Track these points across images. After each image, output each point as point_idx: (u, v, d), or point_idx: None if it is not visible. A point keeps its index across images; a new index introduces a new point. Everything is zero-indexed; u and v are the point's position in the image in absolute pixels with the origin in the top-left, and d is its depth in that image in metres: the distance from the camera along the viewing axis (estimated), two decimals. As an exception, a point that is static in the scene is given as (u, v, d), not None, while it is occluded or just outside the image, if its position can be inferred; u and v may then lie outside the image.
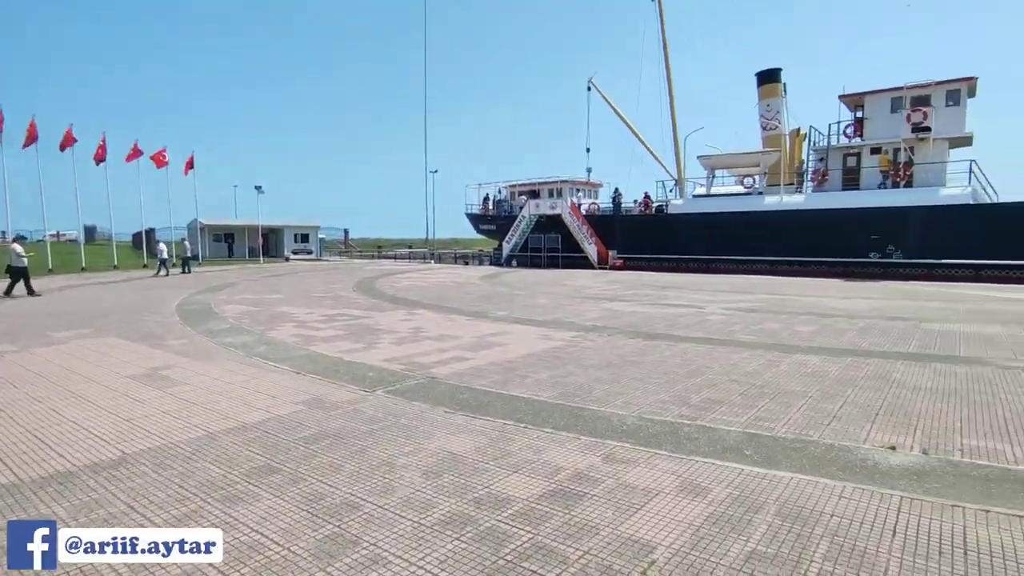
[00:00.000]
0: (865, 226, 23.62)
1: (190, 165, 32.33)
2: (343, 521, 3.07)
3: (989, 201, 22.92)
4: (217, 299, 14.67)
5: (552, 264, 32.50)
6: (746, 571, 2.58)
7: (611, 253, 30.96)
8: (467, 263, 38.90)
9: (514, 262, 34.27)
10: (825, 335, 9.16)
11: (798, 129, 28.22)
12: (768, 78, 29.06)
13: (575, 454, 4.06)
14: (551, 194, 35.31)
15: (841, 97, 25.63)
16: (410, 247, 57.50)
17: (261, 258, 36.43)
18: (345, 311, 12.28)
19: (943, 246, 22.21)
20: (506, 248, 34.52)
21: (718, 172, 30.61)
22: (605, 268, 30.27)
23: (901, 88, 23.74)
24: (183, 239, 28.10)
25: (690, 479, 3.61)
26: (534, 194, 35.60)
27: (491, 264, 36.42)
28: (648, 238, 30.45)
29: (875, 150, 24.76)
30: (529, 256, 33.65)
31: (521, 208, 34.28)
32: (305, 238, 44.18)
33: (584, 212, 33.04)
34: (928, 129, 22.81)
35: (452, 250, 53.36)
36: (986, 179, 23.26)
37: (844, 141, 25.72)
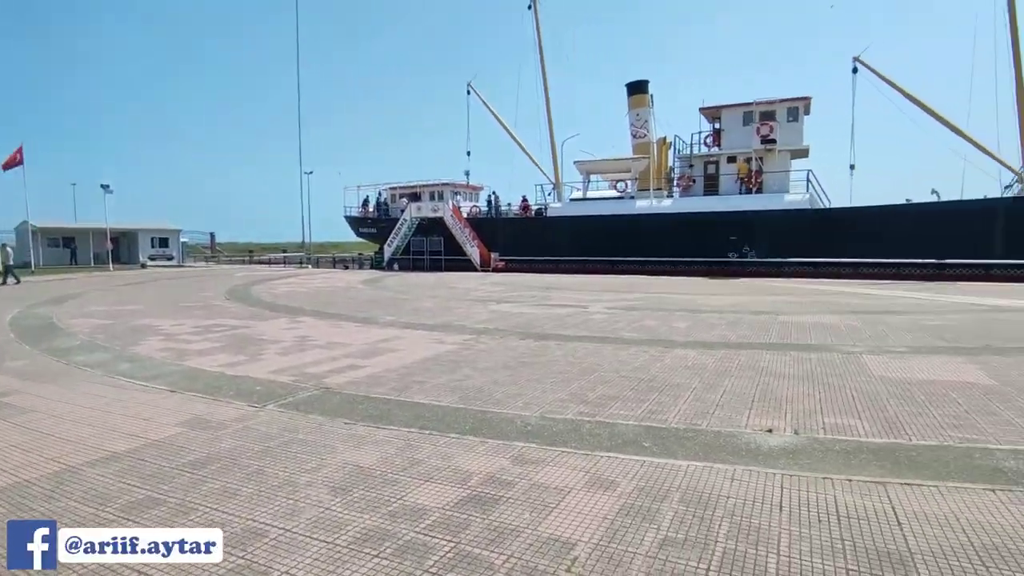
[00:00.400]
0: (725, 228, 25.92)
1: (14, 161, 28.25)
2: (248, 551, 2.84)
3: (823, 206, 26.07)
4: (61, 312, 12.95)
5: (435, 267, 32.31)
6: (661, 557, 2.72)
7: (493, 255, 31.37)
8: (347, 267, 37.60)
9: (396, 265, 33.66)
10: (699, 330, 9.92)
11: (664, 137, 30.36)
12: (637, 89, 31.00)
13: (484, 458, 4.06)
14: (432, 197, 35.10)
15: (701, 110, 27.99)
16: (285, 251, 54.51)
17: (111, 265, 32.69)
18: (220, 321, 11.37)
19: (788, 246, 24.93)
20: (388, 251, 33.81)
21: (593, 177, 32.14)
22: (488, 270, 30.62)
23: (751, 104, 26.39)
24: (3, 244, 24.40)
25: (598, 474, 3.75)
26: (415, 196, 35.20)
27: (372, 268, 35.48)
28: (529, 240, 31.25)
29: (731, 159, 27.29)
30: (411, 259, 33.21)
31: (402, 211, 33.73)
32: (164, 242, 40.30)
33: (466, 215, 33.20)
34: (774, 141, 25.57)
35: (330, 254, 51.33)
36: (820, 187, 26.46)
37: (705, 150, 28.07)
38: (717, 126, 27.98)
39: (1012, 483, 3.56)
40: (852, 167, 26.32)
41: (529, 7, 34.01)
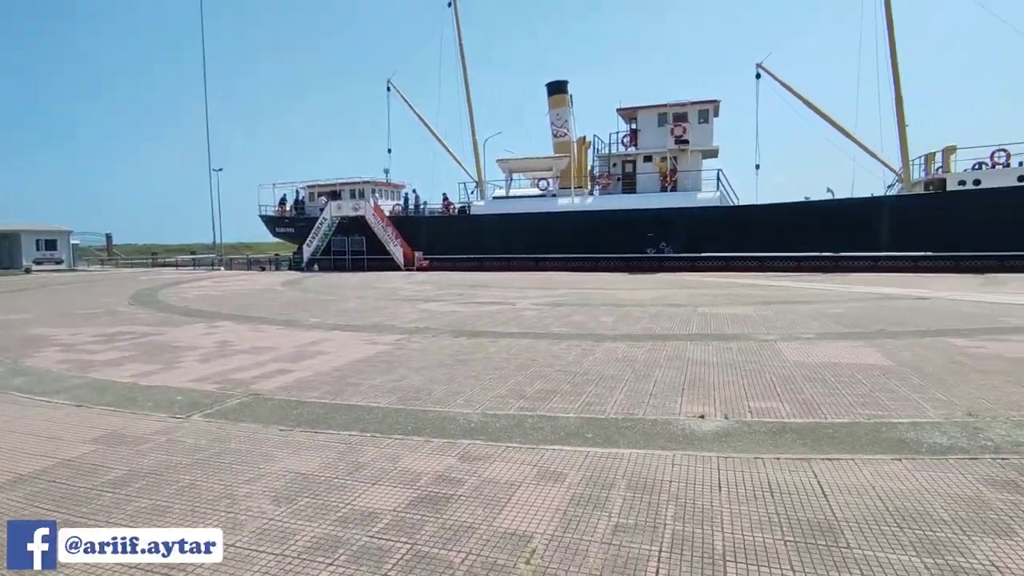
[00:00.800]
0: (642, 225, 26.88)
1: None
2: (190, 573, 2.67)
3: (732, 204, 27.59)
4: (-66, 323, 11.60)
5: (357, 267, 31.52)
6: (615, 543, 2.81)
7: (417, 254, 31.01)
8: (263, 269, 35.94)
9: (316, 266, 32.56)
10: (625, 324, 10.26)
11: (584, 137, 31.08)
12: (557, 89, 31.55)
13: (431, 457, 4.02)
14: (353, 195, 34.19)
15: (619, 110, 28.86)
16: (193, 253, 51.40)
17: (-12, 270, 29.59)
18: (127, 328, 10.57)
19: (701, 242, 26.21)
20: (307, 252, 32.63)
21: (515, 175, 32.41)
22: (412, 269, 30.24)
23: (665, 105, 27.52)
24: None
25: (545, 467, 3.81)
26: (335, 195, 34.13)
27: (291, 269, 34.12)
28: (453, 239, 31.10)
29: (647, 158, 28.33)
30: (332, 259, 32.21)
31: (322, 210, 32.64)
32: (52, 245, 36.88)
33: (388, 214, 32.60)
34: (687, 142, 26.80)
35: (243, 255, 48.85)
36: (730, 185, 27.99)
37: (622, 149, 28.99)
38: (634, 126, 28.97)
39: (914, 452, 3.94)
40: (757, 167, 28.09)
41: (449, 4, 33.77)
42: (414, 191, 34.18)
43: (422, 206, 34.13)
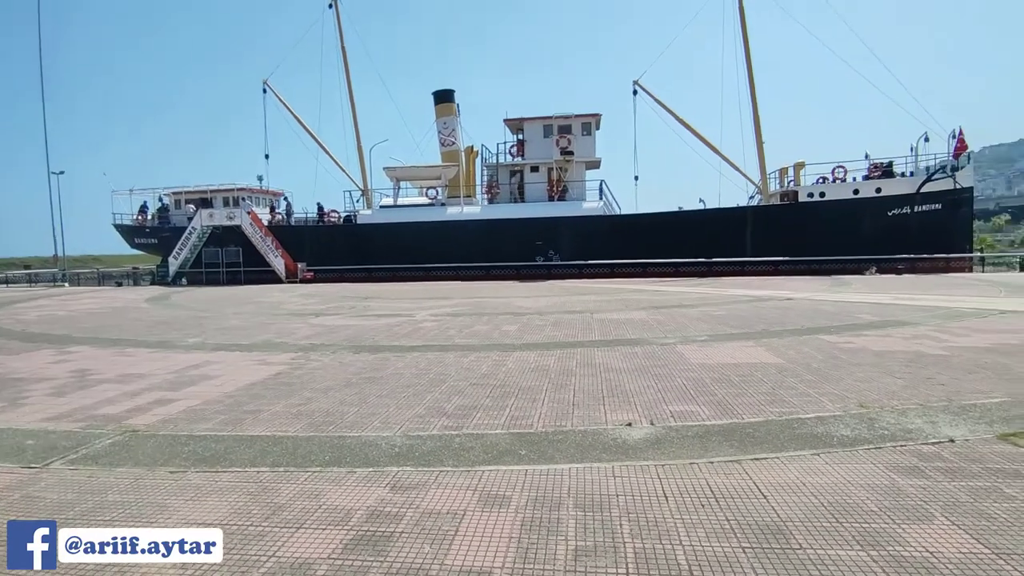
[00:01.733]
0: (531, 234, 27.38)
1: None
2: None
3: (615, 213, 28.89)
4: None
5: (233, 280, 29.30)
6: (580, 569, 2.65)
7: (300, 266, 29.41)
8: (120, 284, 32.24)
9: (184, 280, 29.82)
10: (529, 332, 10.25)
11: (472, 146, 31.15)
12: (443, 98, 31.38)
13: (358, 490, 3.65)
14: (226, 203, 31.72)
15: (505, 121, 29.28)
16: (28, 267, 45.13)
17: None
18: (-52, 359, 8.87)
19: (587, 249, 27.17)
20: (173, 264, 29.81)
21: (403, 184, 31.76)
22: (295, 281, 28.66)
23: (551, 118, 28.31)
24: None
25: (486, 490, 3.58)
26: (205, 203, 31.46)
27: (154, 284, 30.92)
28: (338, 249, 29.86)
29: (535, 168, 28.95)
30: (204, 272, 29.67)
31: (190, 219, 29.93)
32: None
33: (267, 223, 30.60)
34: (572, 153, 27.72)
35: (93, 269, 43.61)
36: (612, 195, 29.32)
37: (510, 159, 29.39)
38: (520, 137, 29.49)
39: (828, 446, 4.18)
40: (636, 178, 29.78)
41: (330, 6, 32.50)
42: (284, 199, 32.29)
43: (304, 215, 32.38)
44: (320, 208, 32.29)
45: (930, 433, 4.37)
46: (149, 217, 32.73)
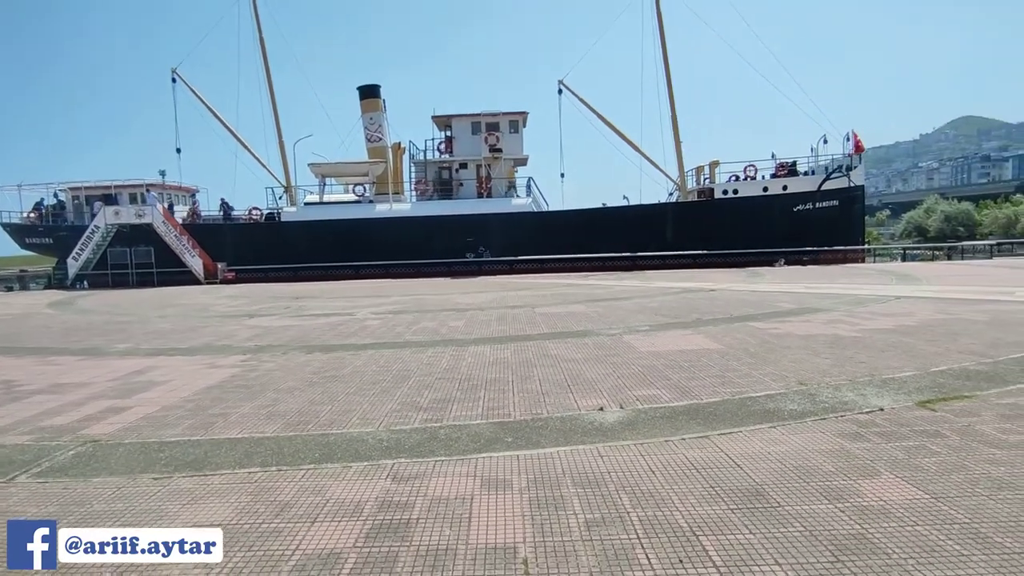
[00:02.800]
0: (461, 231, 27.49)
1: None
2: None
3: (543, 209, 29.51)
4: None
5: (145, 282, 27.50)
6: (596, 538, 2.91)
7: (220, 266, 28.05)
8: (10, 289, 29.44)
9: (85, 283, 27.64)
10: (477, 327, 10.44)
11: (399, 143, 30.79)
12: (369, 93, 30.81)
13: (361, 483, 3.74)
14: (133, 199, 29.67)
15: (433, 118, 29.21)
16: None
17: None
18: None
19: (516, 246, 27.61)
20: (73, 266, 27.56)
21: (328, 180, 30.95)
22: (215, 282, 27.30)
23: (479, 115, 28.51)
24: None
25: (486, 476, 3.78)
26: (110, 199, 29.26)
27: (51, 287, 28.47)
28: (261, 248, 28.74)
29: (463, 165, 29.09)
30: (110, 274, 27.65)
31: (93, 216, 27.79)
32: None
33: (181, 220, 28.93)
34: (500, 150, 28.05)
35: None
36: (540, 192, 29.92)
37: (439, 156, 29.33)
38: (449, 134, 29.49)
39: (780, 419, 4.68)
40: (562, 175, 30.43)
41: (244, -8, 31.06)
42: (152, 194, 30.65)
43: (219, 213, 30.84)
44: (225, 204, 30.80)
45: (863, 404, 4.98)
46: (43, 214, 30.00)
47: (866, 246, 30.28)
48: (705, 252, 26.86)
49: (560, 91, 29.85)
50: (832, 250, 26.88)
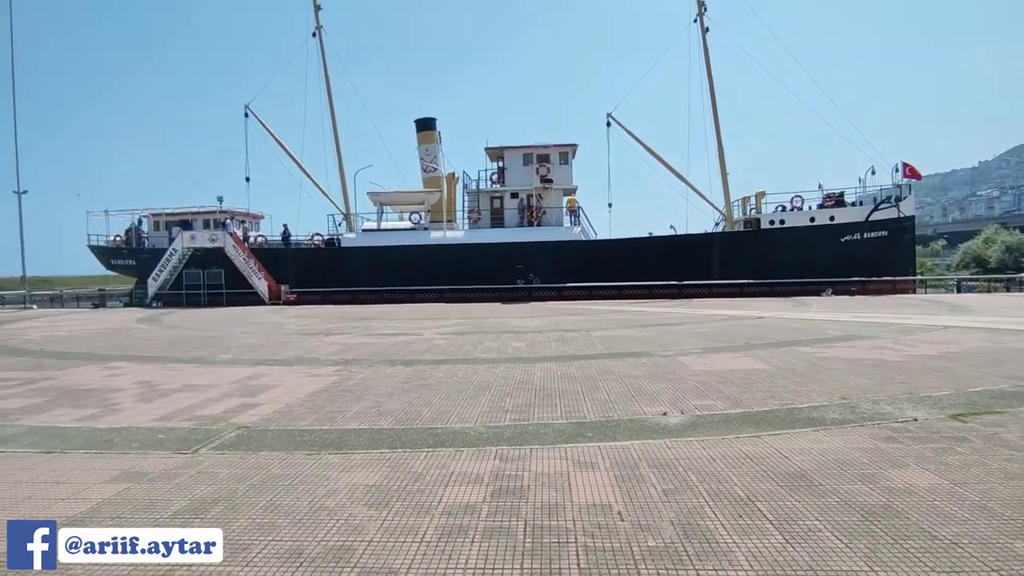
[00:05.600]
0: (511, 258, 28.61)
1: None
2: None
3: (591, 238, 30.42)
4: None
5: (215, 302, 29.45)
6: (671, 500, 3.74)
7: (283, 287, 29.83)
8: (96, 306, 31.94)
9: (160, 302, 29.80)
10: (539, 348, 11.33)
11: (453, 172, 32.41)
12: (425, 126, 32.61)
13: (475, 462, 4.65)
14: (207, 225, 31.98)
15: (487, 149, 30.66)
16: (-13, 289, 43.80)
17: None
18: None
19: (565, 273, 28.52)
20: (152, 286, 29.79)
21: (385, 208, 32.67)
22: (278, 303, 29.00)
23: (531, 147, 29.86)
24: None
25: (577, 459, 4.64)
26: (186, 225, 31.65)
27: (131, 305, 30.78)
28: (322, 272, 30.45)
29: (514, 195, 30.33)
30: (184, 294, 29.75)
31: (171, 240, 30.10)
32: None
33: (250, 245, 30.99)
34: (551, 181, 29.23)
35: (56, 290, 42.69)
36: (588, 221, 30.90)
37: (491, 186, 30.71)
38: (501, 164, 30.89)
39: (823, 425, 5.40)
40: (610, 205, 31.63)
41: (313, 34, 33.50)
42: (241, 221, 32.83)
43: (285, 238, 32.90)
44: (286, 230, 32.91)
45: (898, 415, 5.65)
46: (127, 238, 32.63)
47: (918, 277, 29.98)
48: (751, 281, 27.19)
49: (609, 124, 31.02)
50: (881, 281, 26.82)
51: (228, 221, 32.41)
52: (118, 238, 32.63)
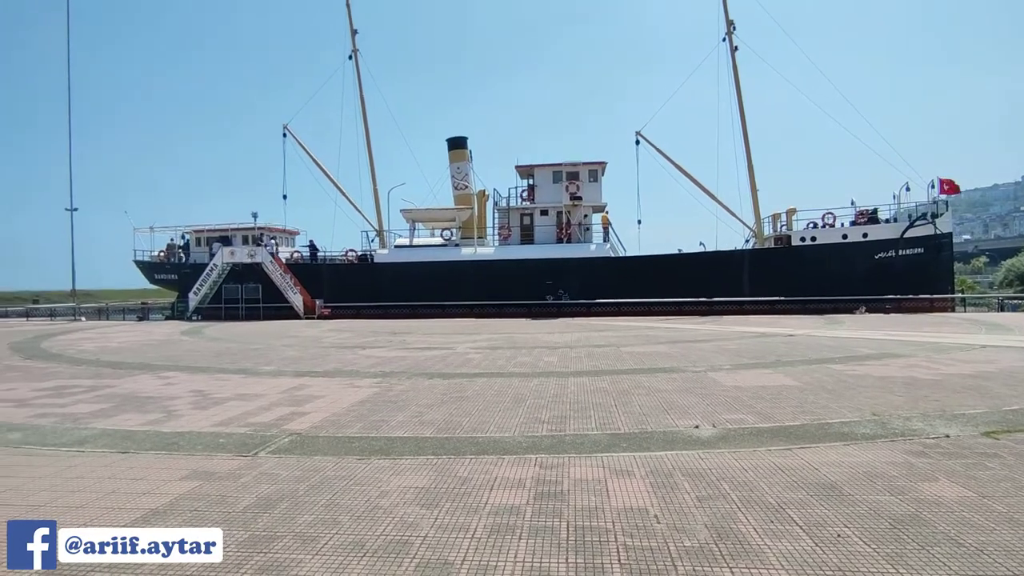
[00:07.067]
0: (541, 274, 28.92)
1: None
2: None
3: (620, 254, 30.57)
4: None
5: (252, 316, 30.35)
6: (705, 507, 3.96)
7: (318, 302, 30.59)
8: (141, 319, 33.20)
9: (199, 316, 30.82)
10: (571, 362, 11.57)
11: (483, 190, 32.95)
12: (456, 144, 33.32)
13: (516, 468, 4.92)
14: (245, 240, 33.07)
15: (517, 167, 31.17)
16: (36, 301, 45.85)
17: None
18: (63, 383, 9.99)
19: (594, 289, 28.69)
20: (193, 300, 30.86)
21: (417, 225, 33.36)
22: (313, 317, 29.74)
23: (560, 165, 30.27)
24: None
25: (613, 467, 4.88)
26: (225, 240, 32.80)
27: (172, 318, 31.92)
28: (355, 287, 31.16)
29: (544, 212, 30.71)
30: (224, 308, 30.73)
31: (212, 256, 31.20)
32: None
33: (286, 260, 31.93)
34: (580, 198, 29.55)
35: (101, 303, 44.41)
36: (617, 237, 31.07)
37: (521, 203, 31.17)
38: (531, 182, 31.35)
39: (854, 440, 5.53)
40: (639, 221, 31.63)
41: (350, 57, 34.67)
42: (272, 237, 33.83)
43: (313, 253, 33.86)
44: (312, 245, 33.90)
45: (930, 431, 5.75)
46: (170, 253, 33.96)
47: (956, 295, 29.34)
48: (782, 298, 26.98)
49: (638, 142, 31.28)
50: (917, 298, 26.35)
51: (266, 237, 33.49)
52: (161, 253, 33.97)
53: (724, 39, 31.29)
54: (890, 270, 26.93)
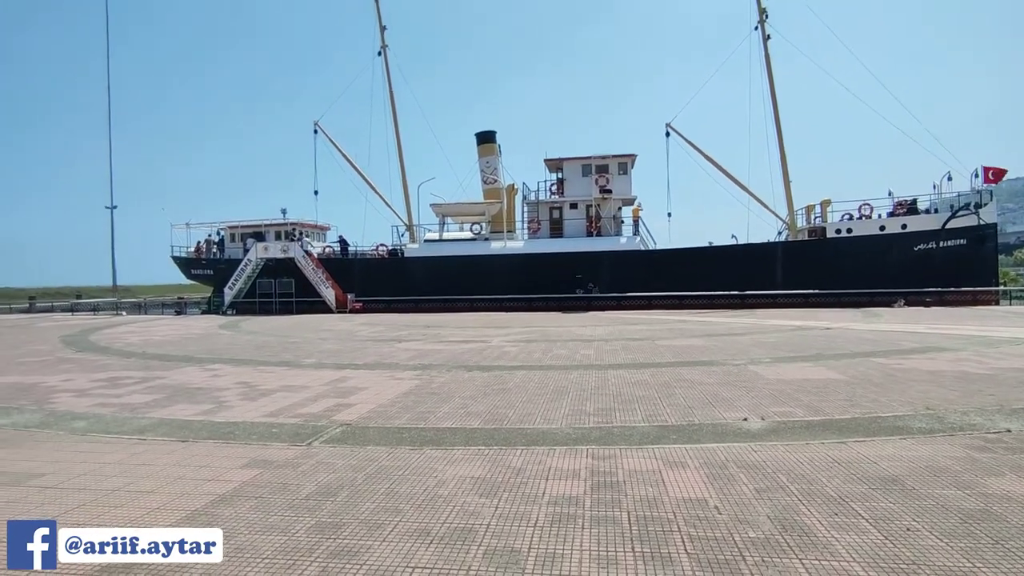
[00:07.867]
0: (571, 267, 28.84)
1: None
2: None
3: (650, 247, 30.30)
4: None
5: (285, 310, 30.90)
6: (765, 498, 3.94)
7: (349, 296, 30.99)
8: (179, 313, 34.09)
9: (233, 310, 31.47)
10: (607, 355, 11.55)
11: (512, 184, 32.93)
12: (485, 139, 33.32)
13: (569, 459, 4.95)
14: (278, 236, 33.63)
15: (546, 161, 31.06)
16: (79, 296, 47.32)
17: None
18: (117, 374, 10.34)
19: (625, 282, 28.51)
20: (229, 295, 31.53)
21: (447, 219, 33.54)
22: (344, 312, 30.14)
23: (589, 158, 30.10)
24: None
25: (665, 458, 4.88)
26: (259, 236, 33.41)
27: (208, 313, 32.68)
28: (386, 281, 31.48)
29: (573, 205, 30.58)
30: (258, 302, 31.35)
31: (246, 251, 31.83)
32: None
33: (318, 255, 32.42)
34: (610, 191, 29.36)
35: (140, 298, 45.67)
36: (647, 230, 30.79)
37: (550, 197, 31.09)
38: (560, 175, 31.24)
39: (909, 434, 5.43)
40: (669, 214, 31.15)
41: (379, 53, 34.93)
42: (302, 232, 34.29)
43: (343, 248, 34.28)
44: (342, 240, 34.30)
45: (990, 426, 5.61)
46: (206, 248, 34.75)
47: (1001, 287, 28.41)
48: (817, 291, 26.46)
49: (668, 133, 30.91)
50: (959, 291, 25.59)
51: (299, 232, 34.04)
52: (196, 249, 34.78)
53: (756, 28, 30.72)
54: (930, 262, 26.19)
